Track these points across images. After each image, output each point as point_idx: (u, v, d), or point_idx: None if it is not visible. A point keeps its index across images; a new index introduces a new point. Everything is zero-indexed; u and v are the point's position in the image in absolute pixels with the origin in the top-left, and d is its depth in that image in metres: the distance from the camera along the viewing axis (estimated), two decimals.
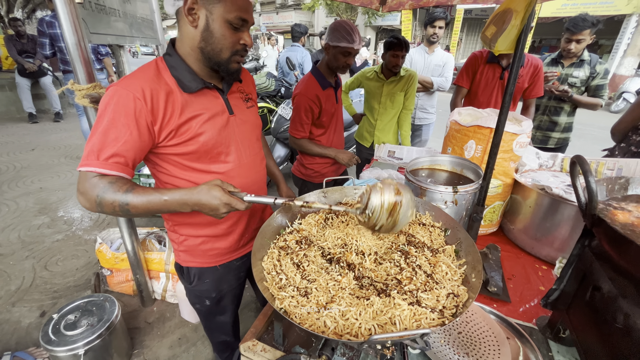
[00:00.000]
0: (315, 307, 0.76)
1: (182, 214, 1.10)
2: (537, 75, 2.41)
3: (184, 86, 0.98)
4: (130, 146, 0.89)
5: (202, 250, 1.22)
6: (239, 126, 1.14)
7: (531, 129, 1.50)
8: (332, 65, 1.93)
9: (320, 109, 1.98)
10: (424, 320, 0.69)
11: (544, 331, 1.12)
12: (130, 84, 0.90)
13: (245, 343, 0.99)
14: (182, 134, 0.99)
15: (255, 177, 1.23)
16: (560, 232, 1.40)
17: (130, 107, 0.88)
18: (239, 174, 1.15)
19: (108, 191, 0.85)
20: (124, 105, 0.87)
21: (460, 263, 0.90)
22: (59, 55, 3.93)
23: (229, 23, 0.93)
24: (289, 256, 0.92)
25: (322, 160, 2.18)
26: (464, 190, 1.25)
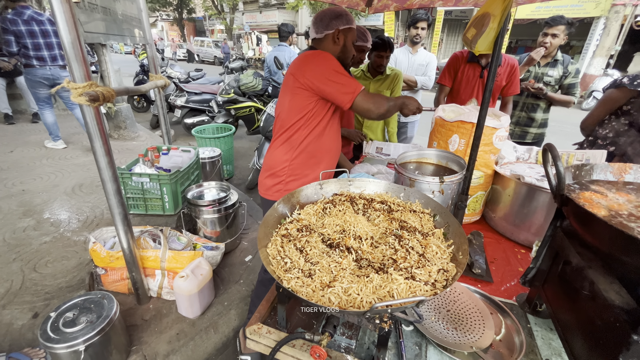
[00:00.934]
0: (319, 286, 0.83)
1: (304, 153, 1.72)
2: (514, 74, 2.57)
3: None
4: None
5: None
6: None
7: (509, 124, 1.63)
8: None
9: None
10: (418, 292, 0.77)
11: (523, 306, 1.24)
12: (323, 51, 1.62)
13: (250, 327, 1.05)
14: None
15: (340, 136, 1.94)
16: (537, 218, 1.52)
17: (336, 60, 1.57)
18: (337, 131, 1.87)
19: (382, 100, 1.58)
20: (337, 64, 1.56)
21: (449, 244, 0.99)
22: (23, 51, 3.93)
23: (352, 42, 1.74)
24: (291, 242, 0.99)
25: None
26: (450, 180, 1.35)
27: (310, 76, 1.54)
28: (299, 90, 1.59)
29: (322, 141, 1.72)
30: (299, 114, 1.64)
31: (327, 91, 1.55)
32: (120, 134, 5.07)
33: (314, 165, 1.76)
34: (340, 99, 1.55)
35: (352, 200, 1.23)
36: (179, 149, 2.82)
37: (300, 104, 1.62)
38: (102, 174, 1.59)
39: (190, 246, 2.21)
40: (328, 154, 1.80)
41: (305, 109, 1.62)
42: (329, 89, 1.54)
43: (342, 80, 1.52)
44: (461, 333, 1.06)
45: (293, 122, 1.66)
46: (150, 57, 2.76)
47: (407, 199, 1.26)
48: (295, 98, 1.62)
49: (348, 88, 1.52)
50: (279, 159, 1.75)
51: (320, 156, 1.77)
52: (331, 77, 1.53)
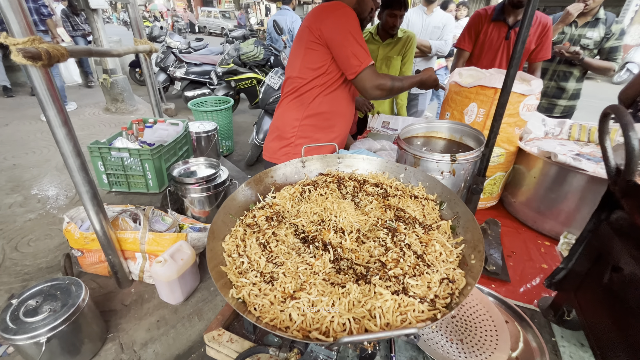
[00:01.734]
0: (280, 296, 0.62)
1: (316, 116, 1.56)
2: (546, 36, 2.19)
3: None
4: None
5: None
6: None
7: (540, 90, 1.33)
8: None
9: None
10: (410, 314, 0.55)
11: (546, 313, 1.02)
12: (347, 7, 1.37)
13: (209, 332, 0.87)
14: None
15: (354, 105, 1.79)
16: (567, 204, 1.27)
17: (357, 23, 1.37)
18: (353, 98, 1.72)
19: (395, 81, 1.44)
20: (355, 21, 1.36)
21: (457, 241, 0.76)
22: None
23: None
24: (255, 235, 0.78)
25: None
26: (464, 158, 1.10)
27: (327, 31, 1.36)
28: (315, 45, 1.41)
29: (336, 103, 1.57)
30: (313, 71, 1.47)
31: (337, 53, 1.39)
32: (117, 107, 4.88)
33: (326, 129, 1.61)
34: (346, 66, 1.39)
35: (339, 181, 0.99)
36: (166, 122, 2.60)
37: (314, 60, 1.45)
38: (61, 147, 1.40)
39: (176, 227, 2.05)
40: (342, 117, 1.65)
41: (320, 66, 1.45)
42: (339, 51, 1.38)
43: (355, 46, 1.36)
44: (468, 347, 0.85)
45: (305, 81, 1.50)
46: (133, 19, 2.48)
47: (407, 181, 1.01)
48: (309, 53, 1.45)
49: (357, 59, 1.36)
50: (288, 119, 1.60)
51: (334, 120, 1.61)
52: (345, 39, 1.35)
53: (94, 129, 4.27)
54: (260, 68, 5.01)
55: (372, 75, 1.37)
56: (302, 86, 1.51)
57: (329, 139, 1.61)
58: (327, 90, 1.50)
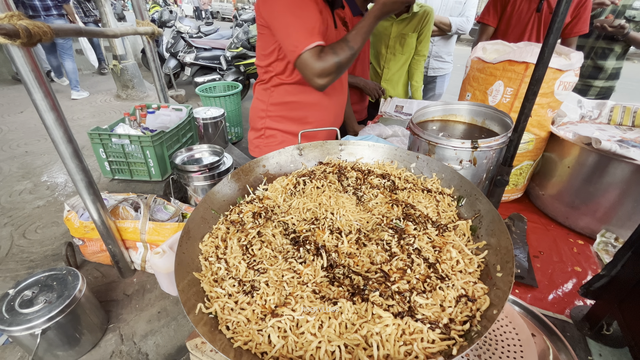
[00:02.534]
0: (259, 312, 0.52)
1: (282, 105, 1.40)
2: (584, 7, 1.93)
3: None
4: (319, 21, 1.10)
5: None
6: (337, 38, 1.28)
7: (580, 66, 1.14)
8: None
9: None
10: (417, 345, 0.43)
11: (580, 326, 0.88)
12: None
13: (191, 340, 0.78)
14: None
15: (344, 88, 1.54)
16: (607, 198, 1.10)
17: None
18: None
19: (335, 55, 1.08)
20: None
21: (479, 246, 0.62)
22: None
23: None
24: (237, 234, 0.67)
25: None
26: (487, 145, 0.94)
27: (265, 10, 1.14)
28: (261, 28, 1.24)
29: (305, 93, 1.37)
30: (266, 57, 1.30)
31: (277, 36, 1.16)
32: (128, 93, 4.86)
33: (297, 121, 1.44)
34: (286, 51, 1.16)
35: (340, 171, 0.87)
36: (170, 108, 2.52)
37: (263, 45, 1.28)
38: (51, 133, 1.34)
39: (179, 216, 1.99)
40: (317, 108, 1.44)
41: (270, 52, 1.27)
42: (277, 33, 1.15)
43: (290, 26, 1.09)
44: None
45: (263, 67, 1.35)
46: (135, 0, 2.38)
47: (420, 172, 0.88)
48: (260, 38, 1.28)
49: (292, 41, 1.09)
50: (255, 108, 1.48)
51: (304, 111, 1.42)
52: (281, 18, 1.10)
53: (104, 115, 4.27)
54: None
55: (310, 60, 1.08)
56: (263, 73, 1.37)
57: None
58: (290, 77, 1.32)
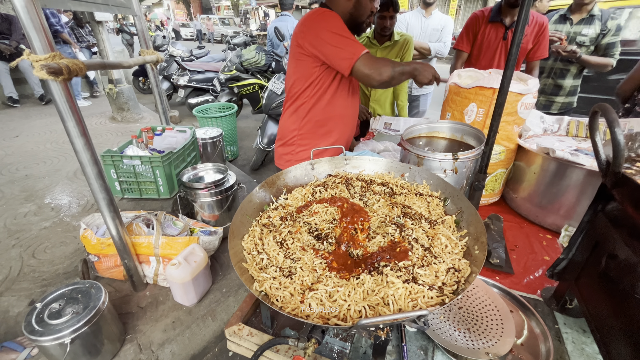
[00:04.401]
0: (299, 289, 0.68)
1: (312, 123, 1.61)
2: (542, 35, 2.24)
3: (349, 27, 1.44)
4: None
5: None
6: None
7: (537, 89, 1.38)
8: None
9: None
10: (420, 300, 0.61)
11: (549, 303, 1.06)
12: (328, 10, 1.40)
13: (230, 327, 0.92)
14: None
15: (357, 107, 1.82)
16: (567, 198, 1.31)
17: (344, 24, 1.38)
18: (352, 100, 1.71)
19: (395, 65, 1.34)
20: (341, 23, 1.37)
21: (462, 234, 0.81)
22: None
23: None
24: (271, 234, 0.83)
25: None
26: (465, 157, 1.15)
27: (310, 40, 1.38)
28: (302, 57, 1.46)
29: (331, 109, 1.59)
30: (304, 82, 1.52)
31: (326, 54, 1.38)
32: (123, 116, 4.97)
33: (324, 135, 1.66)
34: (339, 64, 1.37)
35: (347, 182, 1.05)
36: (174, 129, 2.67)
37: (304, 71, 1.49)
38: (80, 157, 1.47)
39: (187, 231, 2.11)
40: (340, 121, 1.67)
41: (310, 77, 1.49)
42: (327, 53, 1.37)
43: (340, 43, 1.34)
44: (475, 336, 0.90)
45: (299, 91, 1.55)
46: (140, 31, 2.56)
47: (412, 179, 1.07)
48: (299, 65, 1.49)
49: (346, 52, 1.32)
50: (288, 128, 1.68)
51: (331, 125, 1.65)
52: (329, 40, 1.35)
53: (101, 137, 4.36)
54: (262, 74, 5.09)
55: (370, 61, 1.31)
56: (298, 97, 1.57)
57: (328, 143, 1.66)
58: (322, 99, 1.54)
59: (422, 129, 1.46)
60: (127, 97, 4.92)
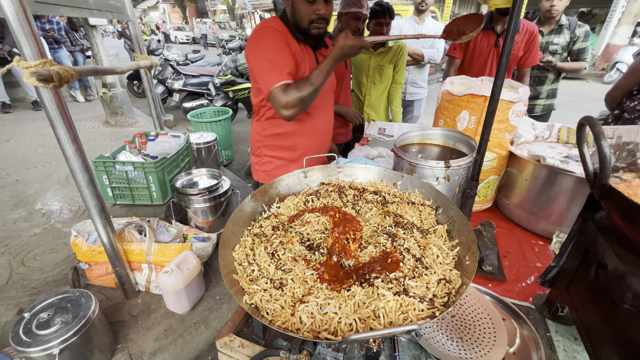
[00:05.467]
0: (290, 301, 0.67)
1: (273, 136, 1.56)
2: (533, 42, 2.28)
3: (295, 35, 1.37)
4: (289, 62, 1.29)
5: (277, 173, 1.50)
6: None
7: (528, 97, 1.40)
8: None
9: None
10: (411, 312, 0.60)
11: (541, 310, 1.07)
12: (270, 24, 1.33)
13: (221, 339, 0.91)
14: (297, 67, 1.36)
15: (328, 118, 1.67)
16: (558, 205, 1.32)
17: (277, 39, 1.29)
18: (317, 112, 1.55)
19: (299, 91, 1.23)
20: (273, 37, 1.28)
21: (453, 244, 0.81)
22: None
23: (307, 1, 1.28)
24: (263, 244, 0.83)
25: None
26: (457, 164, 1.15)
27: (247, 56, 1.37)
28: (250, 70, 1.43)
29: (291, 123, 1.49)
30: (256, 95, 1.49)
31: (255, 76, 1.37)
32: (117, 120, 4.94)
33: (288, 149, 1.60)
34: (262, 87, 1.35)
35: (340, 190, 1.05)
36: (168, 135, 2.66)
37: (254, 84, 1.47)
38: (71, 164, 1.45)
39: (180, 237, 2.09)
40: (303, 136, 1.58)
41: (258, 90, 1.46)
42: (255, 75, 1.37)
43: (263, 68, 1.28)
44: (467, 345, 0.90)
45: (257, 103, 1.52)
46: (134, 36, 2.56)
47: (405, 188, 1.07)
48: (251, 77, 1.46)
49: (264, 81, 1.28)
50: (254, 139, 1.65)
51: (292, 139, 1.57)
52: (256, 62, 1.31)
53: (94, 142, 4.32)
54: None
55: (278, 95, 1.24)
56: (257, 108, 1.55)
57: (294, 157, 1.60)
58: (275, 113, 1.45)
59: (415, 136, 1.47)
60: (121, 101, 4.89)
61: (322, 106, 1.58)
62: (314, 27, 1.34)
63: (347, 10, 2.05)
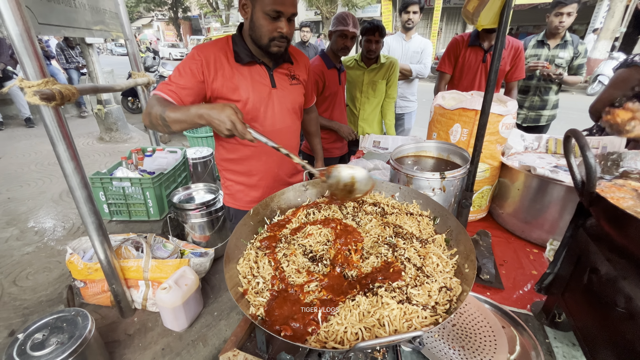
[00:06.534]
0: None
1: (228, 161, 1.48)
2: (519, 57, 2.39)
3: (237, 58, 1.30)
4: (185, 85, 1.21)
5: (239, 197, 1.54)
6: (279, 98, 1.40)
7: (523, 109, 1.46)
8: (334, 48, 2.24)
9: (324, 84, 2.24)
10: (415, 320, 0.62)
11: (539, 317, 1.09)
12: (203, 47, 1.28)
13: (225, 354, 0.91)
14: (229, 92, 1.29)
15: (286, 143, 1.30)
16: (550, 213, 1.36)
17: (193, 62, 1.24)
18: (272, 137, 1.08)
19: (156, 106, 1.12)
20: (190, 60, 1.24)
21: (452, 253, 0.84)
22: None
23: (266, 14, 1.18)
24: (266, 257, 0.84)
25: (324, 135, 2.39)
26: (452, 175, 1.19)
27: None
28: None
29: (236, 147, 1.42)
30: None
31: None
32: (111, 136, 4.93)
33: (245, 174, 1.49)
34: None
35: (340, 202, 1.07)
36: (165, 150, 2.67)
37: None
38: (69, 180, 1.46)
39: (177, 253, 2.08)
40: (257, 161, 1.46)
41: None
42: None
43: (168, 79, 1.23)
44: (469, 353, 0.91)
45: None
46: (131, 54, 2.60)
47: (403, 199, 1.10)
48: None
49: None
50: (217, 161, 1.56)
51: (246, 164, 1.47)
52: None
53: (89, 158, 4.30)
54: None
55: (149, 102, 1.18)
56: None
57: (252, 183, 1.50)
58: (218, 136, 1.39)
59: (410, 149, 1.51)
60: (116, 117, 4.91)
61: (277, 130, 1.41)
62: (275, 44, 1.24)
63: (335, 29, 2.20)
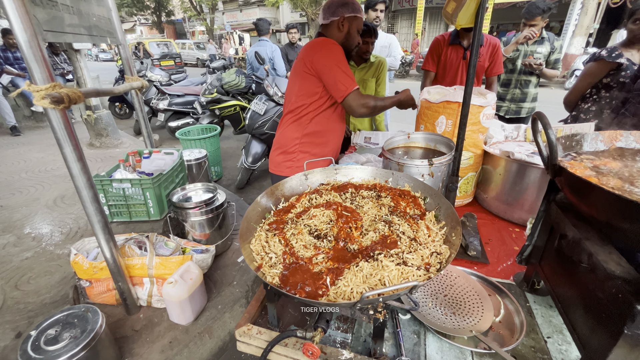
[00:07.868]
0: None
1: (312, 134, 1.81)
2: (497, 54, 2.55)
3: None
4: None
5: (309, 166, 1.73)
6: None
7: (495, 101, 1.59)
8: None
9: None
10: (411, 277, 0.72)
11: (520, 285, 1.21)
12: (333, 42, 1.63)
13: (240, 328, 0.99)
14: None
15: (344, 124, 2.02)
16: (529, 195, 1.50)
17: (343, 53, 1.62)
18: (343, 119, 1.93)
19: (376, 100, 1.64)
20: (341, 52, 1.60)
21: (441, 226, 0.94)
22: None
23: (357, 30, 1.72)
24: (276, 237, 0.93)
25: None
26: (439, 162, 1.31)
27: (317, 64, 1.60)
28: (308, 76, 1.65)
29: (328, 122, 1.81)
30: (308, 97, 1.70)
31: (326, 81, 1.61)
32: (102, 141, 4.91)
33: (321, 145, 1.86)
34: (334, 93, 1.62)
35: (339, 188, 1.17)
36: (162, 152, 2.72)
37: (309, 88, 1.69)
38: (76, 181, 1.51)
39: (179, 251, 2.13)
40: (334, 134, 1.90)
41: (314, 93, 1.69)
42: (328, 79, 1.60)
43: (339, 76, 1.58)
44: (460, 317, 1.02)
45: (302, 105, 1.73)
46: (125, 58, 2.65)
47: (395, 183, 1.21)
48: (304, 82, 1.68)
49: (342, 85, 1.58)
50: (289, 137, 1.84)
51: (327, 136, 1.85)
52: (331, 71, 1.58)
53: None
54: (242, 95, 5.23)
55: (357, 96, 1.59)
56: (300, 110, 1.75)
57: (324, 153, 1.85)
58: (320, 112, 1.74)
59: (400, 141, 1.62)
60: (106, 122, 4.89)
61: (344, 112, 1.91)
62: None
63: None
